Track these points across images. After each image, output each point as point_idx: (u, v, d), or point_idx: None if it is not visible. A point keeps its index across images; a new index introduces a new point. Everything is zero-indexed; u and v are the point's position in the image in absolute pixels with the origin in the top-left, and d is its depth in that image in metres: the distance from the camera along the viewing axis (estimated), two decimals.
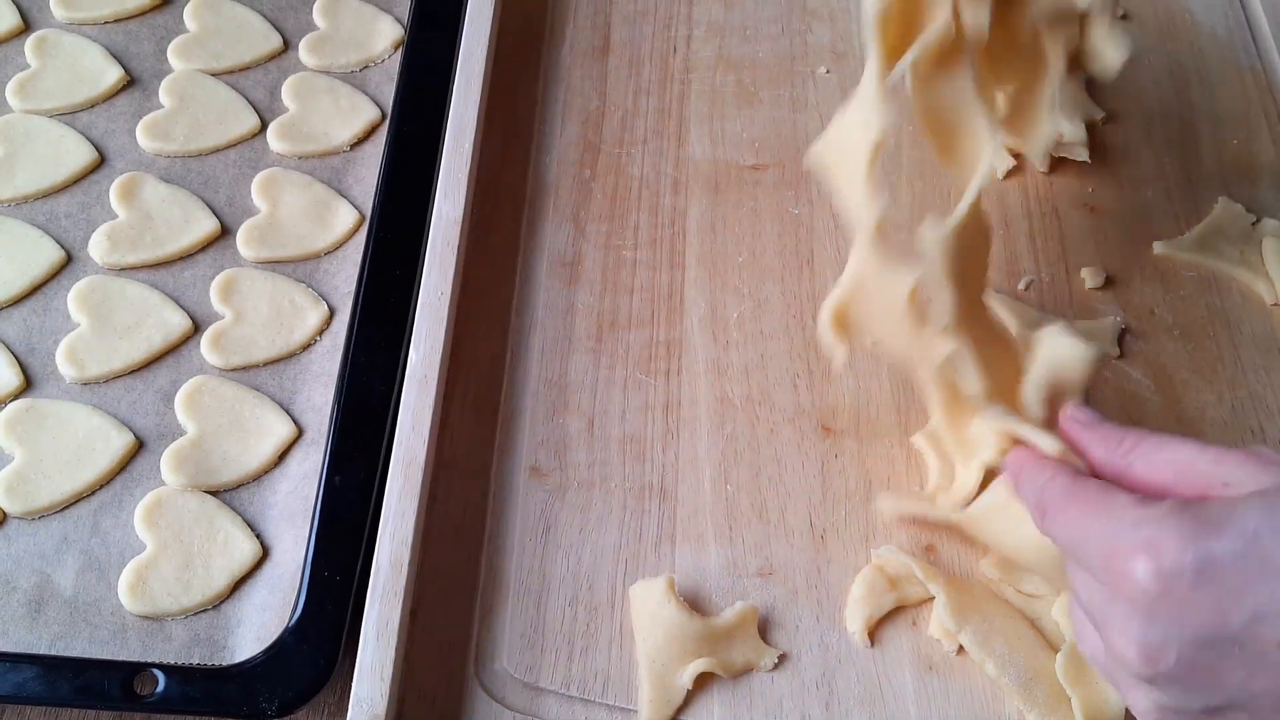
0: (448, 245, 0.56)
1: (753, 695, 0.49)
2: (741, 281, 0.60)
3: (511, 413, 0.56)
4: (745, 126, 0.65)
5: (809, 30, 0.69)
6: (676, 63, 0.68)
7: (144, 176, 0.61)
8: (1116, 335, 0.58)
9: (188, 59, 0.66)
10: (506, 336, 0.58)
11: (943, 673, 0.50)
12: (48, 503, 0.52)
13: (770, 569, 0.52)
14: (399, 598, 0.47)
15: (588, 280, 0.60)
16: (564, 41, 0.69)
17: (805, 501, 0.54)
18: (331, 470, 0.52)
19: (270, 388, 0.56)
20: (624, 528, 0.53)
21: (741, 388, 0.57)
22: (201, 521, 0.52)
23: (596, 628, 0.50)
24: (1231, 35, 0.70)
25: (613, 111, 0.66)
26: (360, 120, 0.64)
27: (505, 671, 0.49)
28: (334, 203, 0.61)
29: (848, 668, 0.50)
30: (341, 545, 0.50)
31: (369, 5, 0.69)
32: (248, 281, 0.59)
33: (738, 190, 0.63)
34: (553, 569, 0.52)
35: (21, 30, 0.66)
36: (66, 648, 0.49)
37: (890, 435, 0.55)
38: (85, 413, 0.54)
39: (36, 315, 0.57)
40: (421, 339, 0.53)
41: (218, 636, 0.50)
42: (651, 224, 0.62)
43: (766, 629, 0.50)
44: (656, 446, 0.55)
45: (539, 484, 0.54)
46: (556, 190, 0.63)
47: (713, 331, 0.58)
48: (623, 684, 0.49)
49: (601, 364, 0.57)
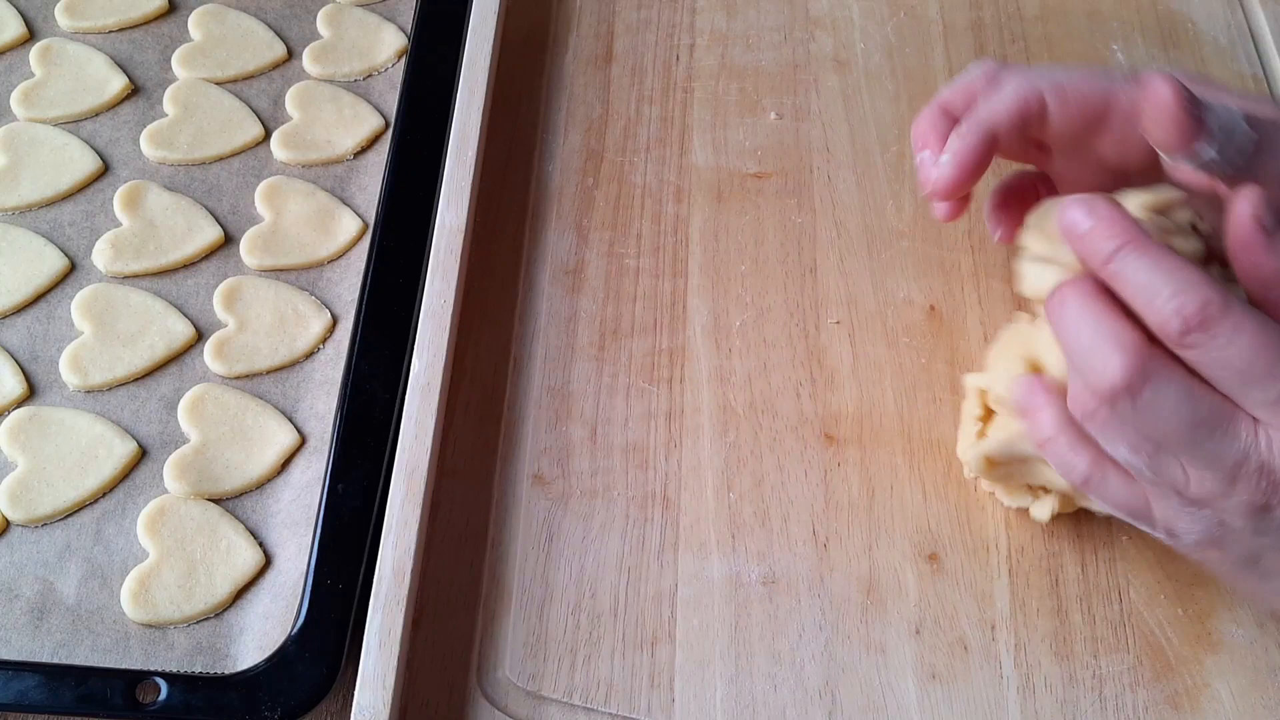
0: (450, 253, 0.56)
1: (755, 704, 0.49)
2: (744, 290, 0.60)
3: (514, 421, 0.56)
4: (748, 135, 0.65)
5: (812, 39, 0.70)
6: (679, 71, 0.68)
7: (147, 185, 0.61)
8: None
9: (192, 68, 0.66)
10: (509, 344, 0.58)
11: (946, 681, 0.50)
12: (50, 510, 0.53)
13: (773, 577, 0.52)
14: (401, 606, 0.47)
15: (590, 288, 0.60)
16: (567, 50, 0.69)
17: (808, 510, 0.54)
18: (334, 478, 0.52)
19: (273, 396, 0.56)
20: (626, 536, 0.53)
21: (744, 396, 0.57)
22: (204, 529, 0.52)
23: (599, 636, 0.51)
24: (1234, 44, 0.70)
25: (615, 120, 0.66)
26: (364, 129, 0.64)
27: (508, 680, 0.50)
28: (337, 211, 0.62)
29: (851, 677, 0.50)
30: (344, 553, 0.50)
31: (373, 14, 0.69)
32: (251, 289, 0.59)
33: (740, 198, 0.63)
34: (555, 577, 0.52)
35: (26, 39, 0.66)
36: (69, 656, 0.49)
37: (893, 444, 0.55)
38: (88, 420, 0.55)
39: (40, 323, 0.58)
40: (424, 347, 0.54)
41: (220, 645, 0.50)
42: (654, 232, 0.62)
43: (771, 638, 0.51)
44: (659, 454, 0.55)
45: (541, 492, 0.54)
46: (559, 198, 0.63)
47: (715, 340, 0.58)
48: (625, 692, 0.49)
49: (604, 372, 0.58)
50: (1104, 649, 0.51)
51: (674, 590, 0.52)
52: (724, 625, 0.51)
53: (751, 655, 0.51)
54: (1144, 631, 0.51)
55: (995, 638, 0.51)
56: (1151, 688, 0.50)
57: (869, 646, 0.51)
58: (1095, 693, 0.50)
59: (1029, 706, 0.50)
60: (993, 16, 0.70)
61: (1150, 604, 0.52)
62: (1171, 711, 0.50)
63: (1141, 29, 0.70)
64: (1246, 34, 0.70)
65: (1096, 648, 0.51)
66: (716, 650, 0.51)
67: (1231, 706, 0.50)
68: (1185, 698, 0.50)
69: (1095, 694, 0.50)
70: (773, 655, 0.50)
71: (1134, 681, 0.50)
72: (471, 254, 0.59)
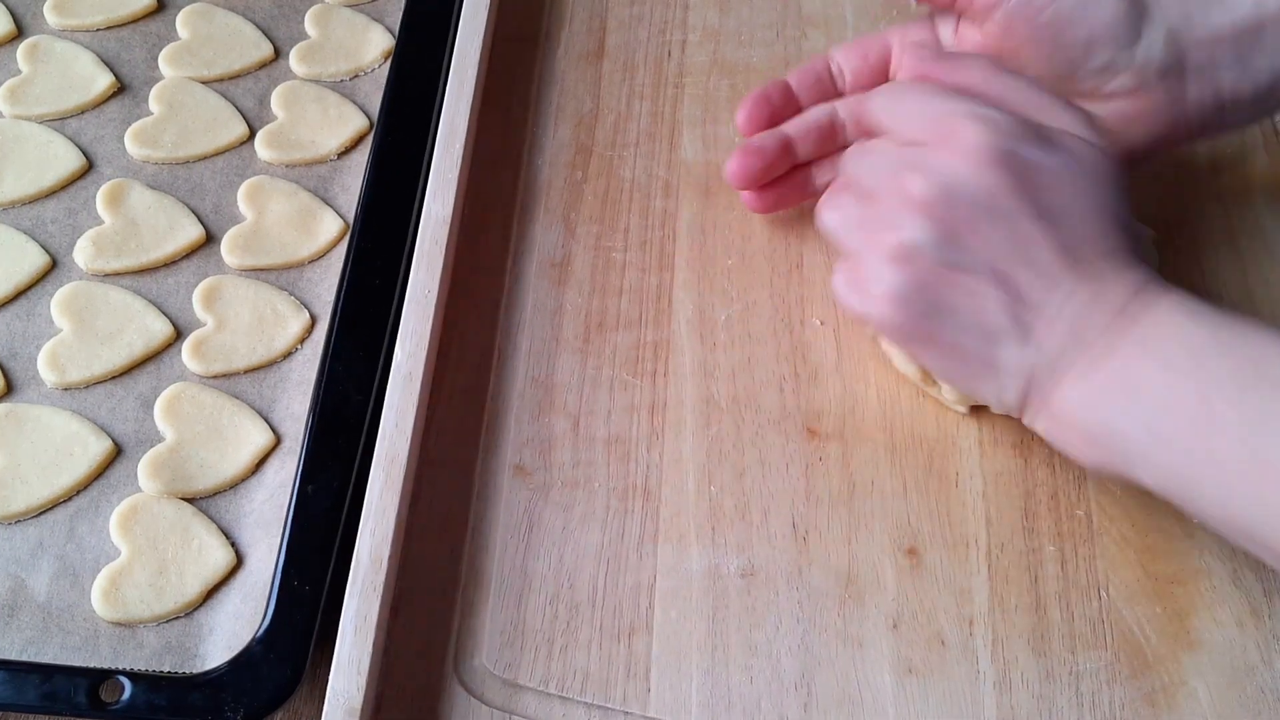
0: (435, 244, 0.59)
1: (731, 695, 0.52)
2: (730, 284, 0.63)
3: (497, 411, 0.59)
4: (738, 131, 0.68)
5: (804, 37, 0.72)
6: (671, 67, 0.71)
7: (130, 183, 0.64)
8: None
9: (179, 66, 0.69)
10: (494, 336, 0.61)
11: (922, 676, 0.52)
12: (24, 508, 0.55)
13: (752, 570, 0.55)
14: (378, 592, 0.50)
15: (577, 281, 0.63)
16: (559, 45, 0.72)
17: (788, 503, 0.56)
18: (304, 479, 0.54)
19: (250, 396, 0.59)
20: (606, 527, 0.56)
21: (728, 390, 0.59)
22: (177, 529, 0.54)
23: (577, 626, 0.53)
24: None
25: (606, 114, 0.69)
26: (348, 129, 0.67)
27: (484, 668, 0.52)
28: (319, 211, 0.64)
29: (827, 669, 0.52)
30: (312, 555, 0.52)
31: (361, 15, 0.72)
32: (230, 289, 0.61)
33: (729, 194, 0.66)
34: (534, 567, 0.55)
35: (14, 36, 0.69)
36: (38, 653, 0.51)
37: (875, 439, 0.58)
38: (64, 418, 0.57)
39: (19, 320, 0.60)
40: (408, 337, 0.56)
41: (189, 644, 0.52)
42: (642, 226, 0.65)
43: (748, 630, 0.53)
44: (641, 447, 0.58)
45: (523, 483, 0.57)
46: (548, 192, 0.66)
47: (700, 334, 0.61)
48: (601, 682, 0.52)
49: (588, 364, 0.60)
50: (1082, 646, 0.53)
51: (653, 581, 0.54)
52: (702, 617, 0.54)
53: (728, 647, 0.53)
54: (1122, 629, 0.53)
55: (973, 633, 0.53)
56: (1129, 685, 0.52)
57: (846, 640, 0.53)
58: (1072, 689, 0.52)
59: (1005, 702, 0.52)
60: None
61: (1129, 601, 0.54)
62: (1148, 709, 0.52)
63: None
64: None
65: (1074, 644, 0.53)
66: (694, 641, 0.53)
67: (1209, 705, 0.52)
68: (1162, 695, 0.52)
69: (1072, 690, 0.52)
70: (749, 647, 0.53)
71: (1111, 678, 0.52)
72: (458, 246, 0.62)
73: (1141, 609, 0.54)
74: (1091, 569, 0.55)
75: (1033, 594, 0.54)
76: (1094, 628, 0.53)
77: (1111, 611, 0.54)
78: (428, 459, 0.57)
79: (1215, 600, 0.54)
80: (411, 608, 0.54)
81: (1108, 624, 0.54)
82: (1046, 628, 0.54)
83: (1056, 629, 0.53)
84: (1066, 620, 0.54)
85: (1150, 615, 0.54)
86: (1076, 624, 0.54)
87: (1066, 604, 0.54)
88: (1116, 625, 0.54)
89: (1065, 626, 0.54)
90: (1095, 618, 0.54)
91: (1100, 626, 0.53)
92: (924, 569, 0.55)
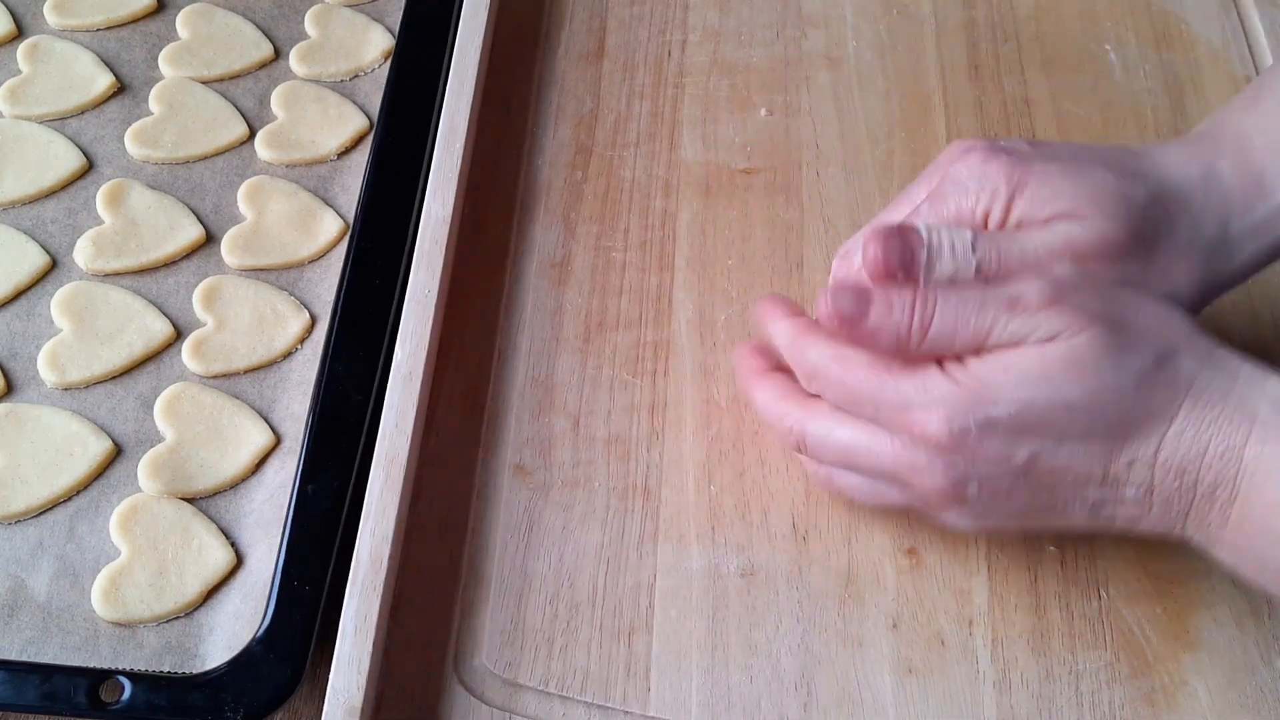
0: (435, 243, 0.59)
1: (730, 694, 0.52)
2: (730, 284, 0.63)
3: (497, 411, 0.59)
4: (738, 131, 0.69)
5: (804, 36, 0.73)
6: (671, 67, 0.72)
7: (130, 183, 0.64)
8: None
9: (179, 66, 0.69)
10: (494, 336, 0.61)
11: (922, 676, 0.53)
12: (24, 508, 0.55)
13: (752, 569, 0.55)
14: (378, 592, 0.50)
15: (577, 281, 0.63)
16: (559, 45, 0.73)
17: (788, 503, 0.57)
18: (304, 479, 0.54)
19: (250, 395, 0.59)
20: (606, 527, 0.56)
21: (727, 390, 0.60)
22: (177, 529, 0.54)
23: (576, 626, 0.54)
24: (1228, 45, 0.73)
25: (606, 114, 0.70)
26: (348, 129, 0.67)
27: (484, 667, 0.53)
28: (319, 211, 0.64)
29: (827, 669, 0.53)
30: (312, 554, 0.52)
31: (361, 15, 0.72)
32: (230, 289, 0.61)
33: (729, 194, 0.66)
34: (534, 567, 0.55)
35: (14, 36, 0.70)
36: (38, 653, 0.51)
37: None
38: (64, 418, 0.57)
39: (19, 320, 0.60)
40: (408, 336, 0.57)
41: (189, 644, 0.52)
42: (642, 226, 0.65)
43: (748, 630, 0.54)
44: (641, 447, 0.58)
45: (523, 482, 0.57)
46: (548, 191, 0.66)
47: (700, 334, 0.62)
48: (601, 681, 0.52)
49: (588, 364, 0.61)
50: (1081, 645, 0.53)
51: (652, 581, 0.55)
52: (701, 616, 0.54)
53: (728, 646, 0.53)
54: (1122, 629, 0.54)
55: (973, 633, 0.54)
56: (1128, 685, 0.53)
57: (846, 640, 0.53)
58: (1072, 689, 0.53)
59: (1005, 702, 0.52)
60: (985, 16, 0.74)
61: (1129, 601, 0.54)
62: (1148, 709, 0.52)
63: (1135, 29, 0.73)
64: (1241, 36, 0.73)
65: (1074, 644, 0.54)
66: (693, 641, 0.53)
67: (1208, 704, 0.52)
68: (1162, 695, 0.52)
69: (1072, 690, 0.52)
70: (749, 646, 0.53)
71: (1111, 678, 0.53)
72: (459, 246, 0.62)
73: (1141, 609, 0.54)
74: (1091, 568, 0.55)
75: (1032, 594, 0.55)
76: (1093, 627, 0.54)
77: (1111, 611, 0.54)
78: (428, 459, 0.57)
79: (1215, 600, 0.54)
80: (411, 608, 0.54)
81: (1107, 624, 0.54)
82: (1046, 628, 0.54)
83: (1056, 629, 0.54)
84: (1066, 620, 0.54)
85: (1150, 615, 0.54)
86: (1076, 624, 0.54)
87: (1066, 604, 0.54)
88: (1116, 625, 0.54)
89: (1065, 626, 0.54)
90: (1095, 617, 0.54)
91: (1100, 626, 0.54)
92: (924, 569, 0.55)
